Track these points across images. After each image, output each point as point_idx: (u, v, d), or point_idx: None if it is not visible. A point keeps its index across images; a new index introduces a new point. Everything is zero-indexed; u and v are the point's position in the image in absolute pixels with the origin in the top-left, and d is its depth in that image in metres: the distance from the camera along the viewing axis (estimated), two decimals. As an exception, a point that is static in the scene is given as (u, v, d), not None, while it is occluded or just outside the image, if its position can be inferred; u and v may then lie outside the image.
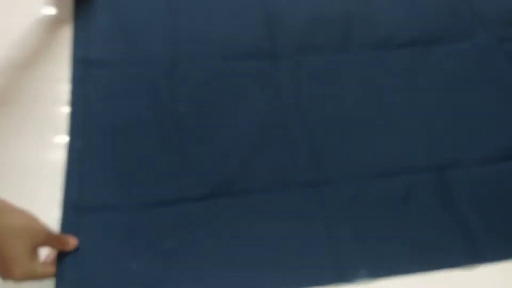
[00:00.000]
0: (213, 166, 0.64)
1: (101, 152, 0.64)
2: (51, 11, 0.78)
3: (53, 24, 0.76)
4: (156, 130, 0.67)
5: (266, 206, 0.61)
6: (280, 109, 0.70)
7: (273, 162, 0.65)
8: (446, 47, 0.78)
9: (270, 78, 0.73)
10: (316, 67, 0.75)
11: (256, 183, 0.63)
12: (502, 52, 0.78)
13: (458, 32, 0.80)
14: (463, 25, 0.82)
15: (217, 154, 0.65)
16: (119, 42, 0.75)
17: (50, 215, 0.59)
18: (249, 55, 0.75)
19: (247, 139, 0.67)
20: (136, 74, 0.71)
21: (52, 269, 0.54)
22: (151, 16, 0.78)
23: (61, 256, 0.56)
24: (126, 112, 0.67)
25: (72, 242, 0.56)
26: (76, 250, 0.56)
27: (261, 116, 0.69)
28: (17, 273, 0.49)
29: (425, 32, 0.80)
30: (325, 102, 0.71)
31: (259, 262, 0.57)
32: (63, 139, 0.65)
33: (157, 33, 0.76)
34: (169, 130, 0.67)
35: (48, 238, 0.53)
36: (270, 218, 0.61)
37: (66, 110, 0.68)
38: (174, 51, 0.74)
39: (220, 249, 0.58)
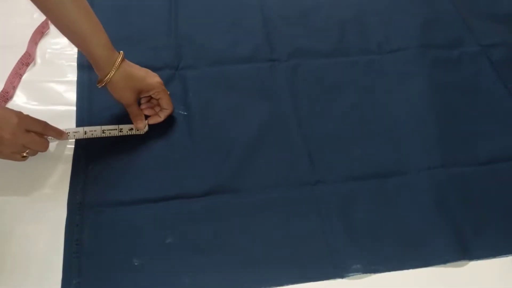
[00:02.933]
0: (214, 165, 0.66)
1: (105, 151, 0.66)
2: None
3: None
4: (159, 130, 0.68)
5: (263, 204, 0.63)
6: (277, 111, 0.72)
7: (271, 162, 0.67)
8: (435, 54, 0.81)
9: (267, 81, 0.75)
10: (311, 70, 0.77)
11: (254, 182, 0.65)
12: (488, 60, 0.81)
13: (447, 40, 0.83)
14: (452, 33, 0.85)
15: (218, 153, 0.67)
16: (123, 47, 0.76)
17: (56, 213, 0.60)
18: (248, 60, 0.77)
19: (246, 139, 0.68)
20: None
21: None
22: (154, 22, 0.81)
23: (67, 253, 0.57)
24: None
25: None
26: (81, 246, 0.58)
27: (260, 118, 0.71)
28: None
29: (416, 39, 0.82)
30: (320, 105, 0.73)
31: (257, 257, 0.59)
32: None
33: (160, 39, 0.78)
34: (171, 131, 0.69)
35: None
36: (268, 216, 0.62)
37: (72, 111, 0.70)
38: (176, 56, 0.77)
39: (220, 245, 0.59)
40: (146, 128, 0.68)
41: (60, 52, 0.76)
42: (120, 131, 0.67)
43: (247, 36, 0.80)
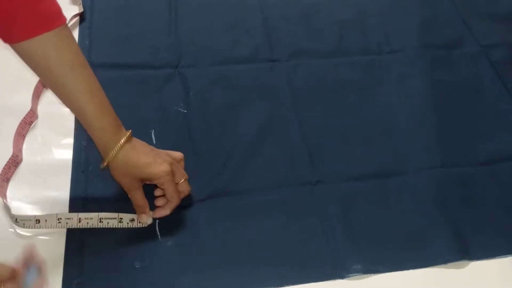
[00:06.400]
0: (214, 165, 0.66)
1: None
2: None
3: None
4: (159, 131, 0.68)
5: (263, 204, 0.63)
6: (277, 111, 0.72)
7: (271, 162, 0.67)
8: (435, 54, 0.81)
9: (267, 81, 0.75)
10: (311, 70, 0.77)
11: (254, 182, 0.65)
12: (487, 60, 0.81)
13: (447, 40, 0.83)
14: (452, 33, 0.85)
15: (218, 153, 0.67)
16: (123, 46, 0.77)
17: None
18: (248, 60, 0.77)
19: (246, 139, 0.68)
20: (139, 77, 0.73)
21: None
22: (154, 22, 0.81)
23: (68, 256, 0.57)
24: (130, 114, 0.67)
25: None
26: (82, 247, 0.58)
27: (260, 118, 0.71)
28: None
29: (416, 39, 0.82)
30: (320, 105, 0.73)
31: (257, 257, 0.59)
32: (70, 140, 0.67)
33: (160, 38, 0.78)
34: (171, 131, 0.69)
35: None
36: (268, 216, 0.62)
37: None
38: (176, 55, 0.77)
39: (220, 245, 0.59)
40: (150, 221, 0.59)
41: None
42: (120, 221, 0.59)
43: (247, 36, 0.80)
